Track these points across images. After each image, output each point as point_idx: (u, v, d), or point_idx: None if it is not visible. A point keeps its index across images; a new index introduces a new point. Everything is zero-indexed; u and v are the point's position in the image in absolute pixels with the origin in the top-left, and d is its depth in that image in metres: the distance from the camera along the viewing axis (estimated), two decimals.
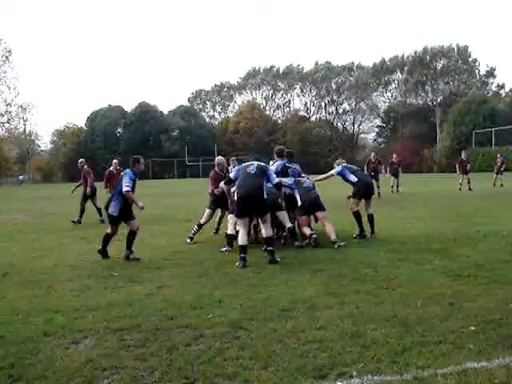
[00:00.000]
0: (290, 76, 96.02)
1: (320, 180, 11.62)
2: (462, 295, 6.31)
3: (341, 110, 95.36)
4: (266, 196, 8.98)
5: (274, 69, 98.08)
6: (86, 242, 12.04)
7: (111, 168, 18.40)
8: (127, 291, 7.09)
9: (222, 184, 10.46)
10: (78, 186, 17.91)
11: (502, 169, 28.80)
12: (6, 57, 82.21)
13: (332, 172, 11.38)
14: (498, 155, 30.53)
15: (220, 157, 12.32)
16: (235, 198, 9.26)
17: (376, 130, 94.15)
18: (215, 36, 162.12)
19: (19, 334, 5.34)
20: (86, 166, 17.69)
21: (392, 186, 25.76)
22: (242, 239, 8.81)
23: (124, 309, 6.17)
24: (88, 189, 17.00)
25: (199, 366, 4.34)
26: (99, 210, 16.38)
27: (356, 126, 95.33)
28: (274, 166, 10.63)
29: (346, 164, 11.46)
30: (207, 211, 11.58)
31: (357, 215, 11.11)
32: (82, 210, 16.62)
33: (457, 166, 27.14)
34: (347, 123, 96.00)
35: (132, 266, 8.90)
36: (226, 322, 5.51)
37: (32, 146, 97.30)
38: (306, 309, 5.94)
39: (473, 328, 5.05)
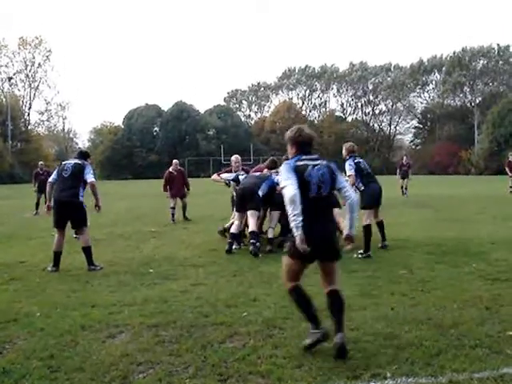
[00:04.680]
0: (326, 76, 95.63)
1: None
2: (499, 299, 6.22)
3: (377, 111, 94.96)
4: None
5: (309, 69, 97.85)
6: (122, 239, 12.22)
7: (171, 169, 17.04)
8: (162, 288, 7.19)
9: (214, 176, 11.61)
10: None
11: None
12: (47, 56, 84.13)
13: (351, 173, 9.63)
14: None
15: (236, 155, 12.21)
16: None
17: (413, 131, 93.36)
18: (252, 35, 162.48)
19: (58, 327, 5.46)
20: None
21: (402, 187, 25.62)
22: (234, 228, 9.92)
23: (159, 305, 6.26)
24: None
25: (233, 364, 4.38)
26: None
27: (392, 126, 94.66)
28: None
29: (357, 160, 9.63)
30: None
31: (368, 230, 9.44)
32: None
33: (506, 168, 26.23)
34: (384, 124, 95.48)
35: (167, 263, 9.00)
36: (260, 320, 5.54)
37: (70, 144, 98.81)
38: None
39: (510, 333, 4.98)
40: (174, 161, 17.07)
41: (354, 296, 6.45)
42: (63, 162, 9.12)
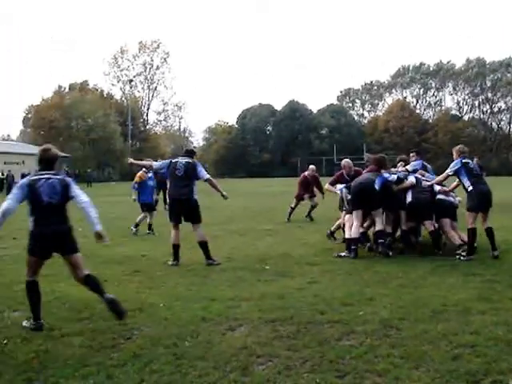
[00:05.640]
0: (441, 73, 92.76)
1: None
2: None
3: (496, 109, 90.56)
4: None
5: (424, 66, 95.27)
6: (237, 235, 12.51)
7: (306, 173, 16.47)
8: (279, 284, 7.32)
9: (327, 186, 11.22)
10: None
11: None
12: (165, 59, 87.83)
13: (448, 171, 9.49)
14: None
15: (346, 159, 11.59)
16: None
17: None
18: (365, 34, 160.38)
19: (180, 318, 5.74)
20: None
21: None
22: (354, 232, 9.44)
23: (276, 301, 6.38)
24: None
25: (350, 361, 4.41)
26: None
27: None
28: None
29: (466, 161, 9.29)
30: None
31: (473, 234, 9.03)
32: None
33: None
34: (503, 123, 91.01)
35: (283, 261, 9.14)
36: (376, 319, 5.53)
37: (186, 142, 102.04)
38: (458, 312, 5.79)
39: None
40: (311, 166, 16.58)
41: (472, 300, 6.29)
42: (173, 161, 9.43)
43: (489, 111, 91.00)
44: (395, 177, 9.75)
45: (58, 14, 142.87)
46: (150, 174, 14.00)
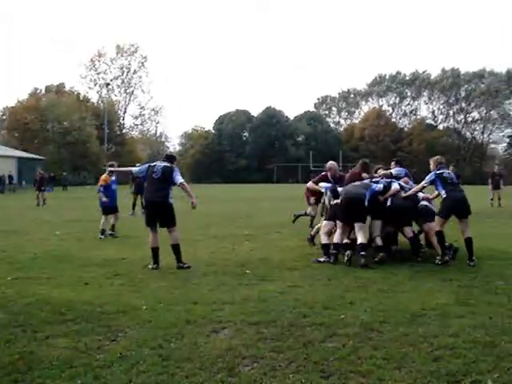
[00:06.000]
0: (417, 83, 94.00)
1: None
2: None
3: (470, 119, 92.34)
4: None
5: (400, 75, 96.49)
6: (217, 240, 12.56)
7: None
8: (260, 288, 7.38)
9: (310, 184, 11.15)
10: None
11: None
12: (142, 63, 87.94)
13: (423, 183, 9.85)
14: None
15: (332, 161, 11.48)
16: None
17: (507, 140, 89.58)
18: (342, 42, 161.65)
19: (164, 320, 5.78)
20: None
21: (492, 199, 25.05)
22: (337, 238, 9.55)
23: (259, 304, 6.46)
24: None
25: (334, 362, 4.51)
26: None
27: (486, 135, 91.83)
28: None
29: (441, 171, 9.62)
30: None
31: (440, 236, 9.30)
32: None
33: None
34: (476, 132, 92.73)
35: (263, 265, 9.20)
36: (358, 323, 5.64)
37: (162, 147, 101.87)
38: (437, 316, 5.93)
39: None
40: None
41: (450, 304, 6.47)
42: (152, 164, 9.47)
43: (463, 121, 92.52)
44: (381, 186, 9.88)
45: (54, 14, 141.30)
46: (113, 178, 13.99)
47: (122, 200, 22.88)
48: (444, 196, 9.27)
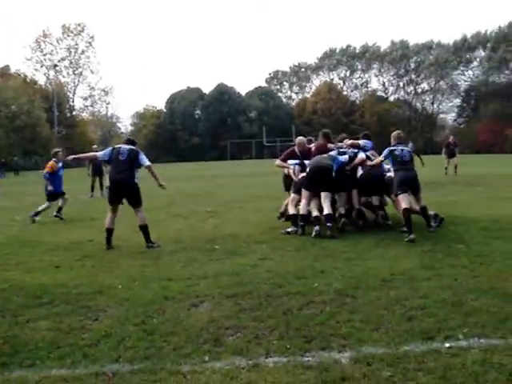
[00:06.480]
0: (367, 56, 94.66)
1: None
2: None
3: (420, 90, 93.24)
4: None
5: (350, 48, 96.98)
6: (181, 218, 12.62)
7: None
8: (232, 262, 7.54)
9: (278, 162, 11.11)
10: None
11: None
12: (89, 42, 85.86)
13: (381, 157, 10.02)
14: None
15: (300, 137, 11.55)
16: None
17: (456, 109, 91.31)
18: (292, 16, 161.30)
19: (142, 297, 5.87)
20: None
21: (446, 168, 25.28)
22: (303, 209, 9.77)
23: (232, 277, 6.61)
24: None
25: (314, 327, 4.71)
26: None
27: (435, 105, 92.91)
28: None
29: (393, 148, 9.72)
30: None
31: (406, 215, 9.03)
32: None
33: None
34: (426, 103, 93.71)
35: (231, 240, 9.34)
36: (331, 290, 5.85)
37: (113, 128, 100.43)
38: (406, 280, 6.21)
39: None
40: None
41: (416, 268, 6.77)
42: (116, 147, 9.62)
43: (413, 92, 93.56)
44: (347, 157, 10.09)
45: None
46: (60, 164, 13.90)
47: (79, 184, 22.76)
48: (393, 175, 9.62)
